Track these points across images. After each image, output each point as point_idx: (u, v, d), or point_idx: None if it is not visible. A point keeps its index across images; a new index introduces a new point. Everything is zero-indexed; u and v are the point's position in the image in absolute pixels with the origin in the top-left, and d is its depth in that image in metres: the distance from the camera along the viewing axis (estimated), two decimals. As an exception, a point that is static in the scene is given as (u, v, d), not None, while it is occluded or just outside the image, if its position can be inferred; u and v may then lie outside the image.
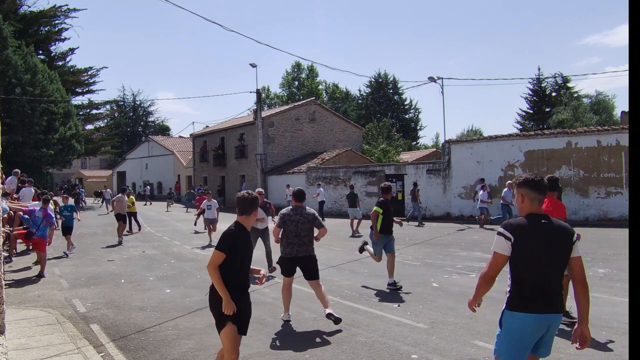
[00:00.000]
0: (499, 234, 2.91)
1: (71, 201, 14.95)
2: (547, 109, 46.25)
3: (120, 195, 15.63)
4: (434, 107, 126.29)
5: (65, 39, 36.65)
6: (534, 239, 2.83)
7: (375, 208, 7.77)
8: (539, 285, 2.84)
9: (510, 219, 3.00)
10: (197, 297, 7.48)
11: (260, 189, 10.36)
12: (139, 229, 17.48)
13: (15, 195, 12.90)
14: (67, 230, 12.55)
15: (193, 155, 40.38)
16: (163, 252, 12.45)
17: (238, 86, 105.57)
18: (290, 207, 6.10)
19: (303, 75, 63.88)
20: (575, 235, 2.95)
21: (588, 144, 17.23)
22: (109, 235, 15.87)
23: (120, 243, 14.07)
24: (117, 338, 5.56)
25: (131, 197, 17.34)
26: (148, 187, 41.27)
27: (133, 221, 17.23)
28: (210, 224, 14.16)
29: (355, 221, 16.50)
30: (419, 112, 60.13)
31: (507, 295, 2.94)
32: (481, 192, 16.51)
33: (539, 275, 2.83)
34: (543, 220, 2.90)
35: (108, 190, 31.57)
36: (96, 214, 26.09)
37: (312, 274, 5.98)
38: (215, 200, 14.78)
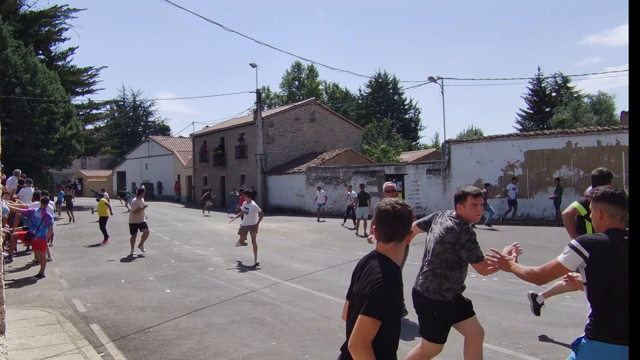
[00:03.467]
0: (572, 247, 2.56)
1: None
2: (547, 109, 46.24)
3: (135, 199, 12.54)
4: (434, 107, 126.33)
5: (65, 39, 36.64)
6: (619, 257, 2.44)
7: (578, 206, 5.06)
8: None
9: (588, 234, 2.62)
10: (197, 297, 7.48)
11: (390, 184, 6.87)
12: (105, 240, 14.46)
13: (15, 195, 12.91)
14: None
15: (193, 155, 40.39)
16: (163, 252, 12.46)
17: (238, 86, 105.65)
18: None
19: (303, 75, 63.91)
20: None
21: (588, 144, 17.25)
22: (110, 235, 15.81)
23: (138, 253, 12.09)
24: (117, 338, 5.57)
25: (102, 199, 15.29)
26: (143, 186, 40.70)
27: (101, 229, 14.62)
28: (250, 232, 10.93)
29: (362, 221, 16.57)
30: (419, 112, 60.27)
31: (588, 321, 2.55)
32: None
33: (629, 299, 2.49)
34: (627, 237, 2.47)
35: (105, 194, 25.36)
36: (92, 218, 25.83)
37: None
38: (254, 203, 11.29)
